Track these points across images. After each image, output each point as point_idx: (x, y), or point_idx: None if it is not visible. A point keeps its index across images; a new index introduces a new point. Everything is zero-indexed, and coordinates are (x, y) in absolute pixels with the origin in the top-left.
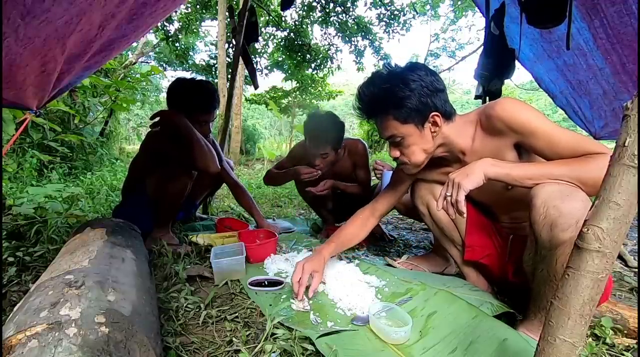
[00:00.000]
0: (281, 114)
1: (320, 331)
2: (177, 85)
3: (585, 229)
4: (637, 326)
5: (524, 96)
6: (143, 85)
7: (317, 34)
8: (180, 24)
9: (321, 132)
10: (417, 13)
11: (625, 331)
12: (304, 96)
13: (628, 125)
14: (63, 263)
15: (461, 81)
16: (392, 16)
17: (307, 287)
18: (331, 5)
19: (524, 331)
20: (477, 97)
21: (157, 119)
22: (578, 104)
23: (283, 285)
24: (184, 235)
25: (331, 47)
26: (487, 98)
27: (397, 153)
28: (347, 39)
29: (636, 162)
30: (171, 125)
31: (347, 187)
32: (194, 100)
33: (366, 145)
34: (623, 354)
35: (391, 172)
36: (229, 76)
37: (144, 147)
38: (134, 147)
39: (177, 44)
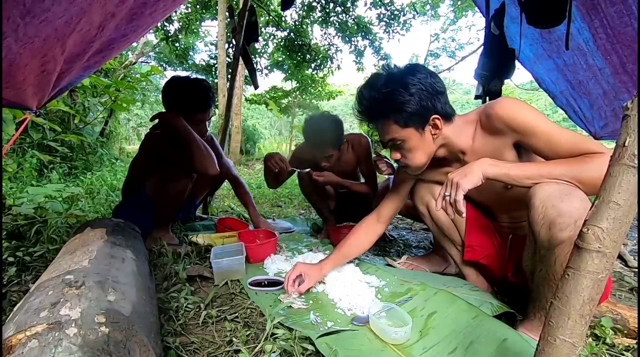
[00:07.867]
0: (281, 114)
1: (320, 331)
2: (171, 85)
3: (585, 229)
4: (637, 326)
5: (524, 96)
6: (143, 85)
7: (317, 34)
8: (180, 24)
9: (320, 137)
10: (417, 13)
11: (625, 331)
12: (304, 96)
13: (628, 125)
14: (63, 263)
15: (461, 81)
16: (392, 16)
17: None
18: (331, 5)
19: (524, 331)
20: (477, 97)
21: (156, 120)
22: (578, 104)
23: (283, 285)
24: (184, 235)
25: (331, 47)
26: (487, 98)
27: (398, 156)
28: (347, 39)
29: (636, 162)
30: (170, 128)
31: (353, 185)
32: (188, 100)
33: (369, 139)
34: (623, 354)
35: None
36: (229, 76)
37: (143, 148)
38: (134, 147)
39: (177, 44)
